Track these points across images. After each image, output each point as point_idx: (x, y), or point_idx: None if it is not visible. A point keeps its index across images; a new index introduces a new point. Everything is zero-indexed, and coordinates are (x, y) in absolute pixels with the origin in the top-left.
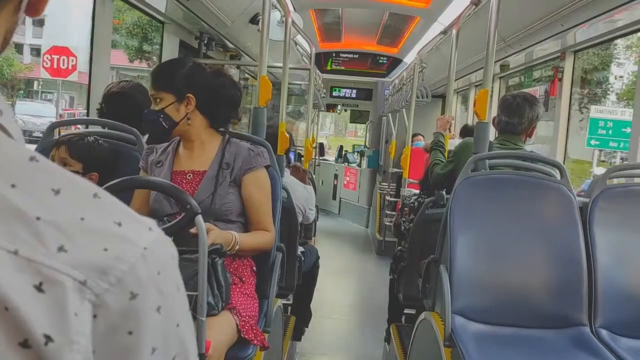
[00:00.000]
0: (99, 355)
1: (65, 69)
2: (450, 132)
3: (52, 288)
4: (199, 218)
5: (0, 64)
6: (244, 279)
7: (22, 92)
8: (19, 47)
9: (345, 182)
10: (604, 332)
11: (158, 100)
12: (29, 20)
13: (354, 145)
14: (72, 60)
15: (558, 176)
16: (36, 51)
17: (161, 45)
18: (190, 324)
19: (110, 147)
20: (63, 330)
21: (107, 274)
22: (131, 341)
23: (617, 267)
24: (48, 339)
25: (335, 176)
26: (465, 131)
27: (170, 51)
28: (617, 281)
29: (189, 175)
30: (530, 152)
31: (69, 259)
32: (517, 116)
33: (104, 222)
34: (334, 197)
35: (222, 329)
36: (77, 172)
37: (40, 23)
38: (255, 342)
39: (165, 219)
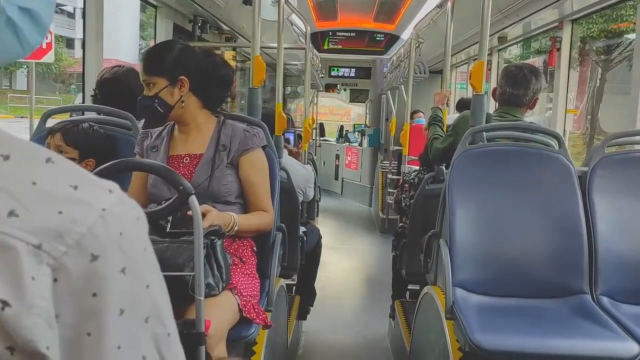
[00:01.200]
0: (64, 319)
1: (39, 49)
2: (447, 106)
3: (4, 254)
4: (193, 199)
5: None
6: (244, 259)
7: (74, 87)
8: (69, 42)
9: (347, 162)
10: (605, 300)
11: (151, 85)
12: (78, 13)
13: (354, 124)
14: (47, 38)
15: (556, 146)
16: None
17: (155, 29)
18: (163, 286)
19: (105, 133)
20: (19, 295)
21: (64, 237)
22: (96, 303)
23: (617, 235)
24: (4, 303)
25: (337, 156)
26: (462, 105)
27: (164, 35)
28: (618, 248)
29: (186, 159)
30: (530, 122)
31: (20, 223)
32: (522, 88)
33: (58, 186)
34: (336, 178)
35: (223, 309)
36: (73, 159)
37: None
38: (258, 321)
39: (163, 202)
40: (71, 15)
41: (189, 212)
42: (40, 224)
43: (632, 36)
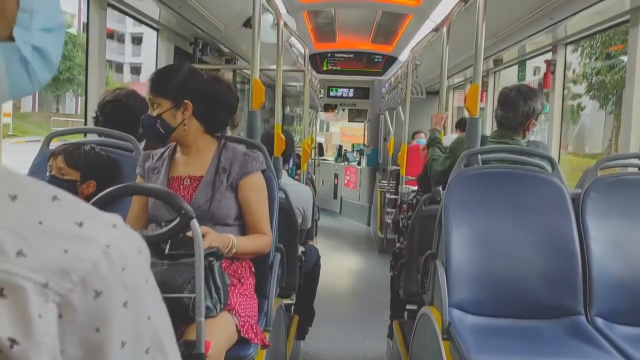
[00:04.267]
0: (68, 353)
1: None
2: (444, 128)
3: (13, 293)
4: (194, 222)
5: None
6: (242, 280)
7: None
8: (119, 66)
9: (346, 181)
10: (599, 321)
11: (155, 105)
12: (128, 38)
13: (353, 144)
14: None
15: (550, 169)
16: (136, 69)
17: (156, 52)
18: (164, 316)
19: (107, 155)
20: (27, 333)
21: (69, 274)
22: (99, 338)
23: (610, 256)
24: (13, 342)
25: (336, 175)
26: (462, 124)
27: (166, 58)
28: (611, 270)
29: (186, 181)
30: (527, 144)
31: (28, 263)
32: (511, 110)
33: (64, 224)
34: (335, 197)
35: (221, 329)
36: (74, 181)
37: (139, 41)
38: (256, 341)
39: (163, 224)
40: (121, 40)
41: (189, 234)
42: (47, 263)
43: None
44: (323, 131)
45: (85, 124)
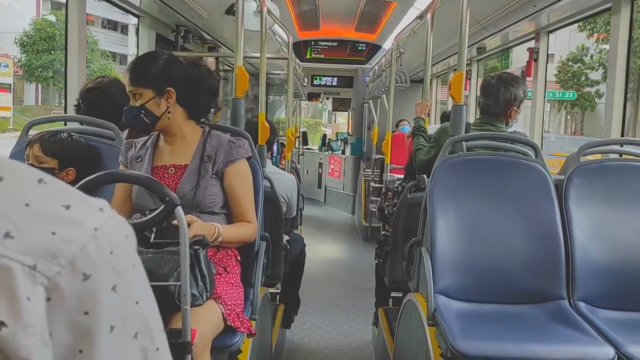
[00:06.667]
0: (57, 337)
1: None
2: (429, 116)
3: (0, 275)
4: (179, 209)
5: (96, 74)
6: (228, 268)
7: None
8: (122, 58)
9: (330, 170)
10: (582, 305)
11: (137, 96)
12: (131, 30)
13: (337, 133)
14: None
15: (533, 155)
16: None
17: (137, 39)
18: (152, 301)
19: (86, 142)
20: (16, 315)
21: (57, 257)
22: (87, 321)
23: (592, 242)
24: (1, 324)
25: (320, 165)
26: (446, 117)
27: (147, 45)
28: (593, 255)
29: (171, 170)
30: (513, 132)
31: (15, 244)
32: (492, 97)
33: (51, 206)
34: (319, 186)
35: (207, 318)
36: (53, 169)
37: None
38: (242, 329)
39: (147, 213)
40: (124, 32)
41: (174, 222)
42: (35, 245)
43: None
44: (332, 122)
45: (65, 112)
